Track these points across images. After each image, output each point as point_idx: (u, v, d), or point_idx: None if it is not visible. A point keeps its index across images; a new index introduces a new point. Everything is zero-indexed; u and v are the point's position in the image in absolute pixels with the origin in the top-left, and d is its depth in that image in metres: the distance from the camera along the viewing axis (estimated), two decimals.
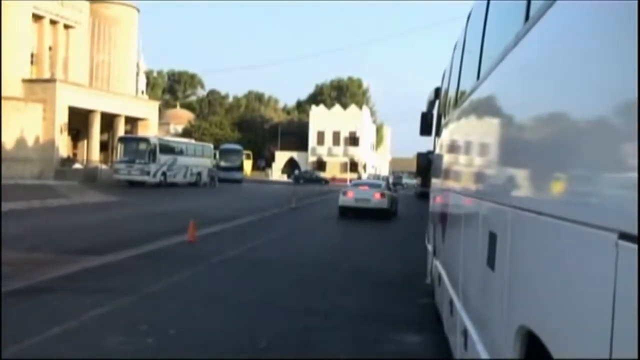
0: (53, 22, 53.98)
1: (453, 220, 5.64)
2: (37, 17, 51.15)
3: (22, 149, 45.09)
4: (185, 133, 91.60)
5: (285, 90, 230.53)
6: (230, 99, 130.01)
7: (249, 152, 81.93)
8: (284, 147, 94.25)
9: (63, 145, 49.15)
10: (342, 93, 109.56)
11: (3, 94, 45.01)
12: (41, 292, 8.84)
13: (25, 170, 44.33)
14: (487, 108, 3.90)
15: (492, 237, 3.21)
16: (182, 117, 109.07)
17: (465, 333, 4.07)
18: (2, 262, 11.08)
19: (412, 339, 7.26)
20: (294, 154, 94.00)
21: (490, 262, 3.21)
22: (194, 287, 9.86)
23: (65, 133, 49.08)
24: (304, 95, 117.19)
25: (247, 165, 79.23)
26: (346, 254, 14.40)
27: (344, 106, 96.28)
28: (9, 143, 44.47)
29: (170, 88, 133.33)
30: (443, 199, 6.81)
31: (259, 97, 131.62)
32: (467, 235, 4.46)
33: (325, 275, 11.32)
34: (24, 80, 47.48)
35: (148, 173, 43.73)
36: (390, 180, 47.45)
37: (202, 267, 11.51)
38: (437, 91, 9.12)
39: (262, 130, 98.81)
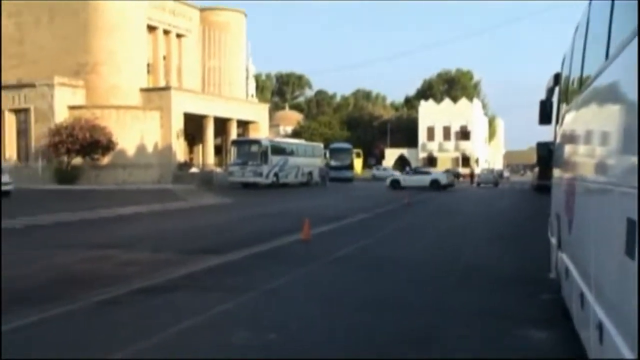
0: (166, 32, 56.37)
1: (581, 210, 5.37)
2: (151, 28, 53.51)
3: (142, 156, 47.32)
4: (295, 134, 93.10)
5: (393, 87, 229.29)
6: (338, 98, 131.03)
7: (359, 150, 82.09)
8: (394, 144, 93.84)
9: (180, 150, 51.21)
10: (451, 86, 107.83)
11: (125, 103, 47.45)
12: (167, 290, 9.18)
13: (147, 176, 46.50)
14: (617, 89, 3.68)
15: (631, 224, 3.04)
16: (291, 119, 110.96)
17: (600, 327, 3.89)
18: (130, 262, 11.64)
19: (538, 335, 6.98)
20: (404, 151, 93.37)
21: (630, 250, 3.04)
22: (311, 284, 9.94)
23: (182, 138, 51.11)
24: (412, 91, 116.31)
25: (358, 163, 79.39)
26: (461, 249, 14.08)
27: (454, 100, 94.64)
28: (130, 150, 46.80)
29: (279, 90, 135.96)
30: (568, 189, 6.50)
31: (367, 95, 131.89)
32: (599, 225, 4.23)
33: (441, 272, 11.11)
34: (142, 90, 49.79)
35: (261, 174, 44.67)
36: (507, 174, 47.03)
37: (317, 265, 11.60)
38: (557, 77, 8.71)
39: (371, 128, 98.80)
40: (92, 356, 5.98)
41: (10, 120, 48.55)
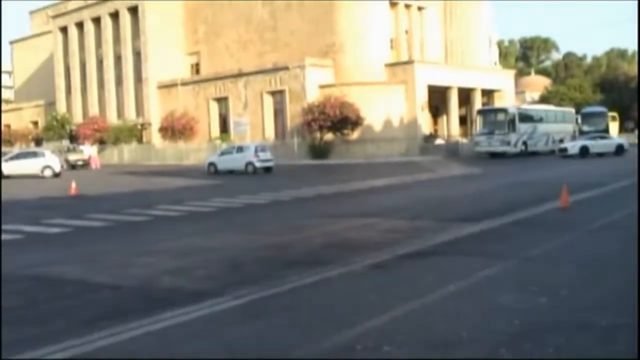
0: (407, 6, 56.93)
1: None
2: (392, 4, 54.47)
3: (389, 129, 48.69)
4: (542, 100, 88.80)
5: None
6: (589, 60, 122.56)
7: (615, 114, 76.16)
8: None
9: (425, 123, 51.77)
10: None
11: (370, 79, 49.08)
12: (430, 255, 9.63)
13: (393, 149, 47.76)
14: None
15: None
16: (537, 84, 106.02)
17: None
18: (392, 230, 12.29)
19: None
20: None
21: None
22: (576, 252, 9.74)
23: (426, 110, 51.60)
24: None
25: (613, 127, 73.78)
26: None
27: None
28: (377, 124, 48.40)
29: (523, 55, 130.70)
30: None
31: (621, 54, 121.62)
32: None
33: None
34: (386, 65, 51.05)
35: (508, 143, 43.60)
36: None
37: (579, 233, 11.29)
38: None
39: (627, 89, 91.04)
40: (372, 311, 6.56)
41: (267, 101, 52.78)
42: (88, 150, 52.55)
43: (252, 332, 6.08)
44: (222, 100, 56.62)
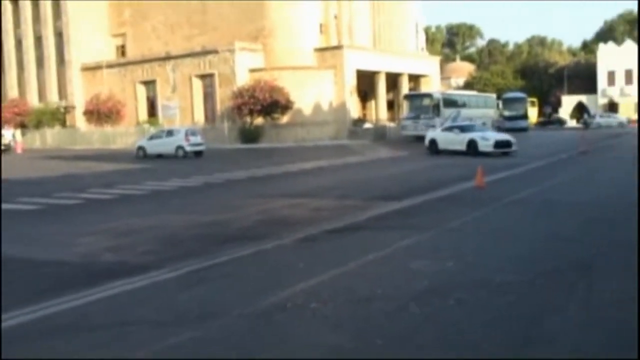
0: None
1: None
2: None
3: (318, 114, 49.50)
4: (467, 85, 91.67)
5: (569, 32, 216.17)
6: (511, 47, 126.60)
7: (534, 99, 79.31)
8: (571, 92, 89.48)
9: (353, 107, 52.83)
10: (634, 28, 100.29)
11: (300, 64, 49.71)
12: (356, 230, 10.49)
13: (323, 133, 48.65)
14: None
15: None
16: (462, 70, 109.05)
17: None
18: (321, 208, 13.09)
19: None
20: (583, 98, 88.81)
21: None
22: (486, 224, 10.80)
23: (355, 95, 52.64)
24: (589, 35, 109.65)
25: (533, 112, 76.93)
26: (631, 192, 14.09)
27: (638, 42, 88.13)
28: (307, 109, 49.15)
29: (449, 42, 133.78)
30: None
31: (541, 41, 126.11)
32: None
33: (614, 214, 11.44)
34: (316, 50, 51.73)
35: (434, 127, 45.03)
36: None
37: (492, 208, 12.39)
38: None
39: (546, 75, 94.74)
40: (301, 277, 7.33)
41: (197, 85, 52.75)
42: (8, 135, 51.25)
43: (193, 296, 6.77)
44: (149, 84, 56.09)
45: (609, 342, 5.10)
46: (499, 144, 27.78)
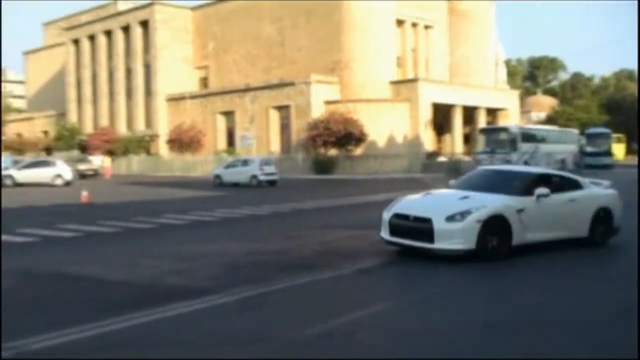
0: (414, 25, 58.17)
1: None
2: (399, 22, 55.64)
3: (392, 146, 49.62)
4: (549, 120, 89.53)
5: None
6: (597, 80, 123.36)
7: (620, 135, 76.76)
8: None
9: (428, 140, 52.67)
10: None
11: (375, 96, 50.07)
12: (414, 263, 10.50)
13: (396, 165, 48.64)
14: None
15: None
16: (543, 104, 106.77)
17: None
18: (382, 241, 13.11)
19: None
20: None
21: None
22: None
23: (430, 128, 52.49)
24: None
25: (619, 149, 74.23)
26: None
27: None
28: (381, 141, 49.35)
29: (531, 75, 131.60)
30: None
31: (630, 75, 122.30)
32: None
33: None
34: (391, 82, 52.07)
35: (509, 162, 44.33)
36: None
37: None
38: None
39: (634, 110, 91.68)
40: (352, 307, 7.43)
41: (273, 116, 53.87)
42: (97, 161, 53.66)
43: (247, 320, 7.02)
44: (229, 114, 57.78)
45: None
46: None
